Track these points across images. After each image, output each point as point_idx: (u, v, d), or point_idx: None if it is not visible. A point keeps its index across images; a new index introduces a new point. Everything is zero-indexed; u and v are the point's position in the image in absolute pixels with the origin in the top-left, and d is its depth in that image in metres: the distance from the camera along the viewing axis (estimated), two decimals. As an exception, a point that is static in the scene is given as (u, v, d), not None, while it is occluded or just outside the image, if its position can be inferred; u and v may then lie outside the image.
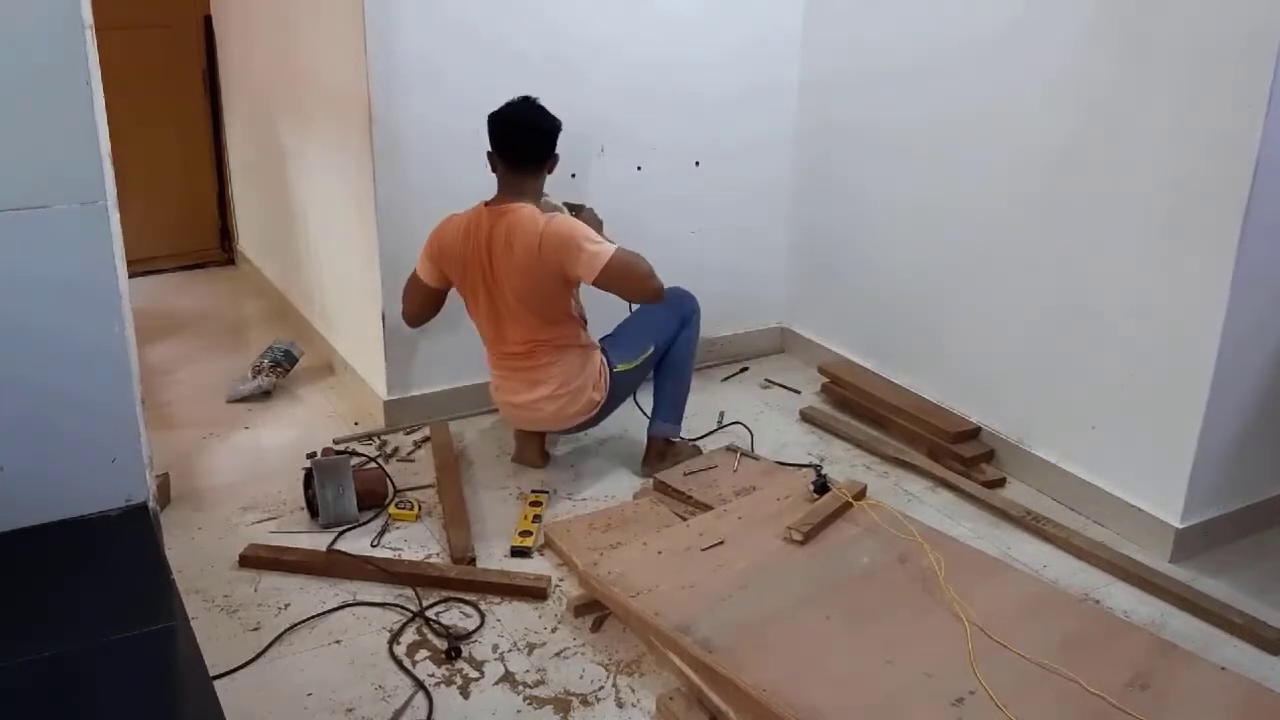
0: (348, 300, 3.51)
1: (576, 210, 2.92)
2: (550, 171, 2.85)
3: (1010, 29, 2.90)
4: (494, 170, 2.82)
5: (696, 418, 3.26)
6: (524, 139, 2.77)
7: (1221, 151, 2.43)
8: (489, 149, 2.80)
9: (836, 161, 3.59)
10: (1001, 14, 2.92)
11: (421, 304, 2.96)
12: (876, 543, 2.54)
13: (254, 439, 3.25)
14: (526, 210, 2.74)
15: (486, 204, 2.81)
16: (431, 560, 2.63)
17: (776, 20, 3.57)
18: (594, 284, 2.74)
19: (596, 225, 2.89)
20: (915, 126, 3.25)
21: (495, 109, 2.79)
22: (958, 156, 3.12)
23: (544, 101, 3.03)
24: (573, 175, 3.29)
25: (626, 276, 2.74)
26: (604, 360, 2.92)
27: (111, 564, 1.93)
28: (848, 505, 2.66)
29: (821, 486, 2.71)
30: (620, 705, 2.17)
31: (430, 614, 2.42)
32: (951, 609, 2.29)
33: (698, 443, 3.19)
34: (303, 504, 2.81)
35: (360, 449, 3.14)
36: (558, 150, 2.83)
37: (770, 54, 3.59)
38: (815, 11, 3.56)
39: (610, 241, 2.77)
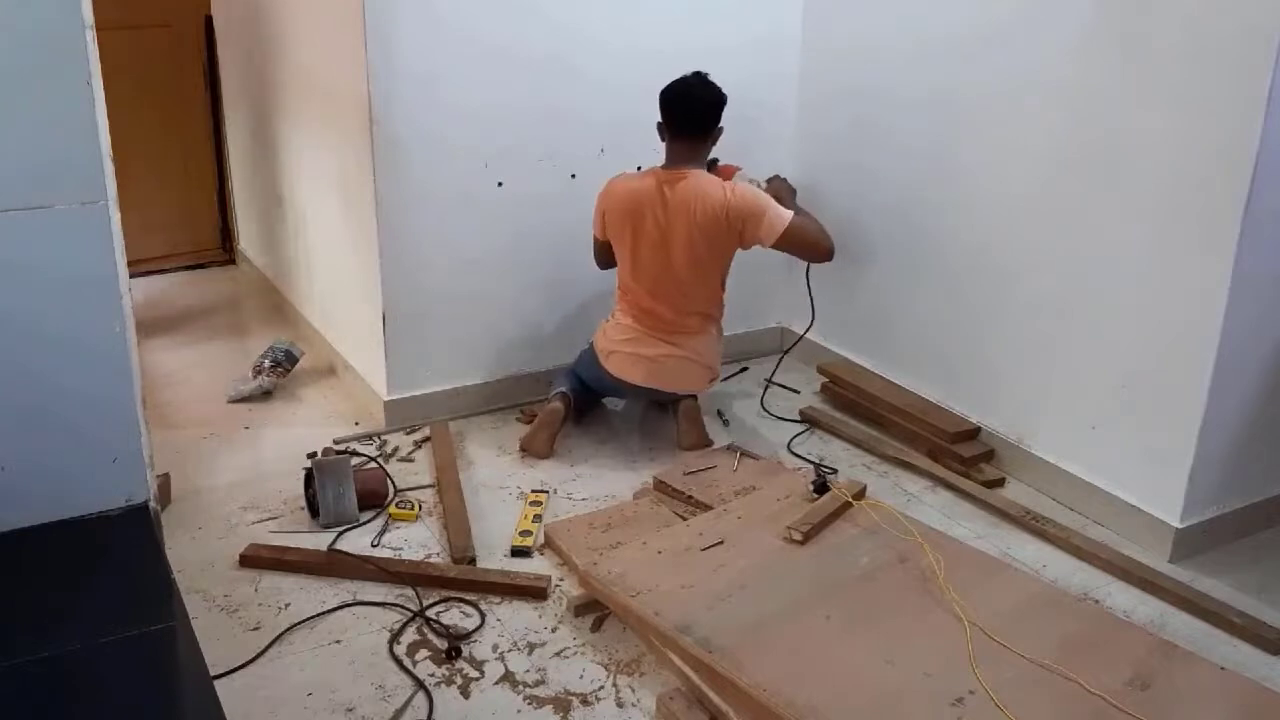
0: (348, 300, 3.51)
1: (770, 180, 3.24)
2: (715, 142, 3.09)
3: (1009, 29, 2.90)
4: (663, 139, 3.06)
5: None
6: (693, 111, 3.02)
7: (1221, 151, 2.42)
8: (659, 120, 3.04)
9: (835, 160, 3.58)
10: (1001, 13, 2.92)
11: (604, 256, 3.23)
12: (876, 543, 2.54)
13: (254, 439, 3.25)
14: (706, 176, 3.03)
15: (660, 169, 3.05)
16: (431, 560, 2.63)
17: (776, 18, 3.56)
18: (771, 246, 3.05)
19: (790, 192, 3.22)
20: (915, 126, 3.25)
21: (668, 83, 3.01)
22: (957, 156, 3.12)
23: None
24: (573, 176, 3.29)
25: (801, 240, 3.08)
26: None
27: (112, 564, 1.94)
28: (847, 505, 2.66)
29: (821, 486, 2.71)
30: (620, 705, 2.17)
31: (430, 614, 2.42)
32: (951, 609, 2.29)
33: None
34: (303, 504, 2.81)
35: (360, 449, 3.14)
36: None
37: (769, 52, 3.58)
38: (814, 10, 3.56)
39: (799, 209, 3.12)
